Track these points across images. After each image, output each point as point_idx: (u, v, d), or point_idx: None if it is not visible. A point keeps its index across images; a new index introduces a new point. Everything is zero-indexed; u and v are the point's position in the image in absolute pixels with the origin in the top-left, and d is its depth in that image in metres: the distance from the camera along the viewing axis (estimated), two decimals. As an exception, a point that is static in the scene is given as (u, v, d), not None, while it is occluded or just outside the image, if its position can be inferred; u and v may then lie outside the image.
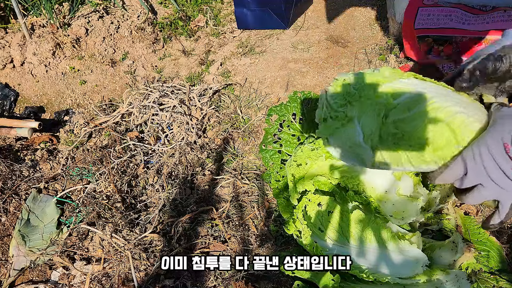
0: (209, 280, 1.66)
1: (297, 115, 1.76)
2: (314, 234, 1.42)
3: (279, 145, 1.78)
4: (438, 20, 2.25)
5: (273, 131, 1.79)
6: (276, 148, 1.78)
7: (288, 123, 1.77)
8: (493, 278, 1.48)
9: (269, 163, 1.78)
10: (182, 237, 1.79)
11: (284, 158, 1.77)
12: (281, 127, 1.78)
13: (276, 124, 1.79)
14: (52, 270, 1.82)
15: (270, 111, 1.80)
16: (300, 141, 1.75)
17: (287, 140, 1.77)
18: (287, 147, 1.77)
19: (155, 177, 2.06)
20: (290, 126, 1.77)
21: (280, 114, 1.79)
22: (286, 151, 1.77)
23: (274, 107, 1.80)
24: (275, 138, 1.79)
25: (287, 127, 1.77)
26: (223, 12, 3.18)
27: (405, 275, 1.33)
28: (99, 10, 2.96)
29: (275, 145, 1.78)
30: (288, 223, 1.58)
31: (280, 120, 1.79)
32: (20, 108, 2.69)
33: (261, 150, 1.80)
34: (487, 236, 1.60)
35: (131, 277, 1.65)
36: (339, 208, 1.39)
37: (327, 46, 2.76)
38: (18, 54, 2.75)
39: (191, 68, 2.78)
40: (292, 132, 1.77)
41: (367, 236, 1.36)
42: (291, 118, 1.77)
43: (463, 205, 1.81)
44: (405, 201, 1.41)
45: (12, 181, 2.06)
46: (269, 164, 1.78)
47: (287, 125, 1.77)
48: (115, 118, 2.40)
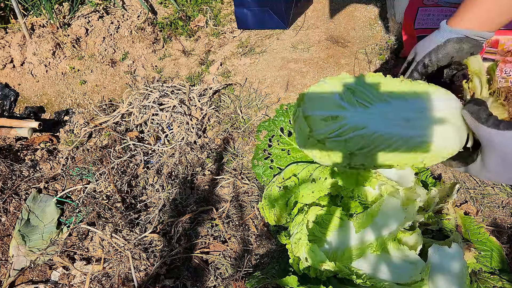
0: (209, 280, 1.66)
1: (285, 128, 1.79)
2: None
3: (270, 161, 1.81)
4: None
5: (263, 146, 1.82)
6: (268, 164, 1.81)
7: (277, 138, 1.80)
8: (493, 278, 1.48)
9: (263, 179, 1.82)
10: (182, 237, 1.79)
11: (276, 174, 1.79)
12: (271, 142, 1.81)
13: (266, 140, 1.82)
14: (52, 270, 1.83)
15: (259, 127, 1.84)
16: (290, 155, 1.77)
17: (277, 155, 1.80)
18: (278, 161, 1.79)
19: (155, 177, 2.06)
20: (280, 140, 1.80)
21: (269, 130, 1.82)
22: (277, 165, 1.80)
23: (263, 122, 1.84)
24: (266, 154, 1.82)
25: (276, 142, 1.80)
26: (223, 12, 3.18)
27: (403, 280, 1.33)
28: (99, 10, 2.96)
29: (266, 161, 1.81)
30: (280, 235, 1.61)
31: (269, 136, 1.82)
32: (20, 108, 2.69)
33: (253, 166, 1.83)
34: (487, 236, 1.60)
35: (131, 277, 1.65)
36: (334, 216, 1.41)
37: (327, 46, 2.76)
38: (18, 54, 2.75)
39: (191, 68, 2.78)
40: (282, 147, 1.80)
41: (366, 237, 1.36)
42: (280, 133, 1.79)
43: (463, 205, 1.81)
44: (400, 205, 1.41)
45: (12, 181, 2.06)
46: (263, 180, 1.82)
47: (277, 140, 1.81)
48: (115, 118, 2.40)
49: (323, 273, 1.36)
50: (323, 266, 1.33)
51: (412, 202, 1.45)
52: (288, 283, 1.33)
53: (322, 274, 1.36)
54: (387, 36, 2.74)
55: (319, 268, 1.35)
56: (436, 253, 1.33)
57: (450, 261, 1.32)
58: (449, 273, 1.29)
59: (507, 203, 1.81)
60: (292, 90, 2.50)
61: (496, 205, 1.81)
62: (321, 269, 1.35)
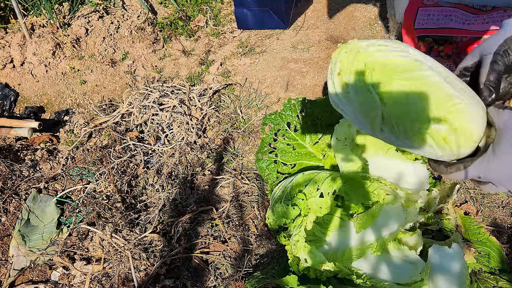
0: (209, 280, 1.66)
1: (292, 123, 1.77)
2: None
3: (274, 155, 1.78)
4: (438, 20, 2.25)
5: (269, 140, 1.79)
6: (272, 158, 1.78)
7: (283, 132, 1.77)
8: (493, 278, 1.48)
9: (266, 173, 1.79)
10: (182, 237, 1.79)
11: (280, 170, 1.77)
12: (276, 136, 1.78)
13: (271, 133, 1.79)
14: (52, 270, 1.82)
15: (265, 120, 1.80)
16: (295, 150, 1.75)
17: (282, 150, 1.77)
18: (283, 156, 1.77)
19: (155, 177, 2.06)
20: (285, 135, 1.77)
21: (274, 123, 1.79)
22: (282, 161, 1.77)
23: (269, 115, 1.79)
24: (271, 148, 1.79)
25: (282, 137, 1.77)
26: (223, 12, 3.18)
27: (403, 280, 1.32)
28: (99, 10, 2.96)
29: (271, 155, 1.78)
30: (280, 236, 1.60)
31: (275, 129, 1.78)
32: (20, 108, 2.69)
33: (257, 160, 1.80)
34: (487, 236, 1.60)
35: (131, 277, 1.65)
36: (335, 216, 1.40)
37: (327, 46, 2.76)
38: (18, 54, 2.75)
39: (191, 68, 2.78)
40: (287, 142, 1.77)
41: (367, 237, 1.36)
42: (286, 127, 1.77)
43: (463, 205, 1.81)
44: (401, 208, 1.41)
45: (12, 181, 2.06)
46: (266, 174, 1.79)
47: (282, 134, 1.77)
48: (115, 118, 2.40)
49: (323, 274, 1.36)
50: (323, 267, 1.33)
51: (413, 203, 1.45)
52: (288, 283, 1.33)
53: (322, 275, 1.36)
54: (387, 36, 2.74)
55: (318, 268, 1.35)
56: (436, 253, 1.33)
57: (450, 261, 1.32)
58: (449, 273, 1.29)
59: (507, 203, 1.81)
60: (292, 90, 2.50)
61: (496, 205, 1.81)
62: (320, 269, 1.35)
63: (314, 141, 1.74)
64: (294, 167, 1.76)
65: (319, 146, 1.72)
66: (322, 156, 1.72)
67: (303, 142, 1.75)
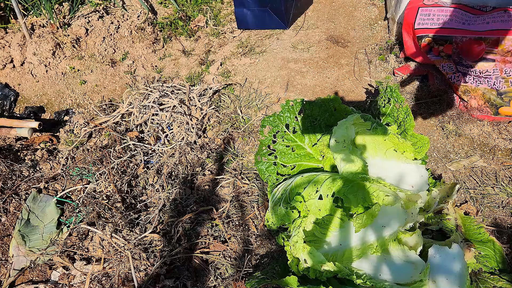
0: (209, 280, 1.66)
1: (290, 125, 1.77)
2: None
3: (274, 157, 1.78)
4: (438, 20, 2.25)
5: (267, 142, 1.79)
6: (271, 160, 1.78)
7: (282, 134, 1.77)
8: (493, 278, 1.48)
9: (265, 175, 1.79)
10: (182, 237, 1.79)
11: (279, 172, 1.77)
12: (275, 138, 1.78)
13: (270, 135, 1.79)
14: (52, 270, 1.82)
15: (263, 122, 1.79)
16: (295, 152, 1.76)
17: (281, 151, 1.77)
18: (282, 158, 1.77)
19: (155, 177, 2.06)
20: (284, 137, 1.77)
21: (273, 125, 1.78)
22: (281, 162, 1.77)
23: (267, 117, 1.79)
24: (270, 150, 1.79)
25: (281, 138, 1.77)
26: (223, 12, 3.18)
27: (403, 280, 1.32)
28: (99, 10, 2.96)
29: (270, 157, 1.78)
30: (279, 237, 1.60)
31: (274, 131, 1.78)
32: (20, 108, 2.69)
33: (256, 162, 1.80)
34: (487, 236, 1.60)
35: (131, 277, 1.65)
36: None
37: (327, 46, 2.76)
38: (18, 54, 2.75)
39: (191, 68, 2.78)
40: (286, 143, 1.77)
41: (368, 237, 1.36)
42: (285, 129, 1.77)
43: (463, 205, 1.81)
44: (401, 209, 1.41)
45: (12, 181, 2.06)
46: (265, 176, 1.79)
47: (281, 136, 1.77)
48: (115, 118, 2.40)
49: (322, 274, 1.36)
50: (323, 267, 1.33)
51: (413, 203, 1.45)
52: (288, 283, 1.33)
53: (322, 275, 1.36)
54: (387, 36, 2.74)
55: (318, 269, 1.35)
56: (436, 253, 1.33)
57: (451, 262, 1.32)
58: (449, 273, 1.29)
59: (507, 203, 1.81)
60: (292, 90, 2.50)
61: (496, 205, 1.81)
62: (320, 270, 1.35)
63: (313, 142, 1.74)
64: (294, 169, 1.76)
65: (317, 147, 1.72)
66: (321, 157, 1.72)
67: (302, 143, 1.76)
